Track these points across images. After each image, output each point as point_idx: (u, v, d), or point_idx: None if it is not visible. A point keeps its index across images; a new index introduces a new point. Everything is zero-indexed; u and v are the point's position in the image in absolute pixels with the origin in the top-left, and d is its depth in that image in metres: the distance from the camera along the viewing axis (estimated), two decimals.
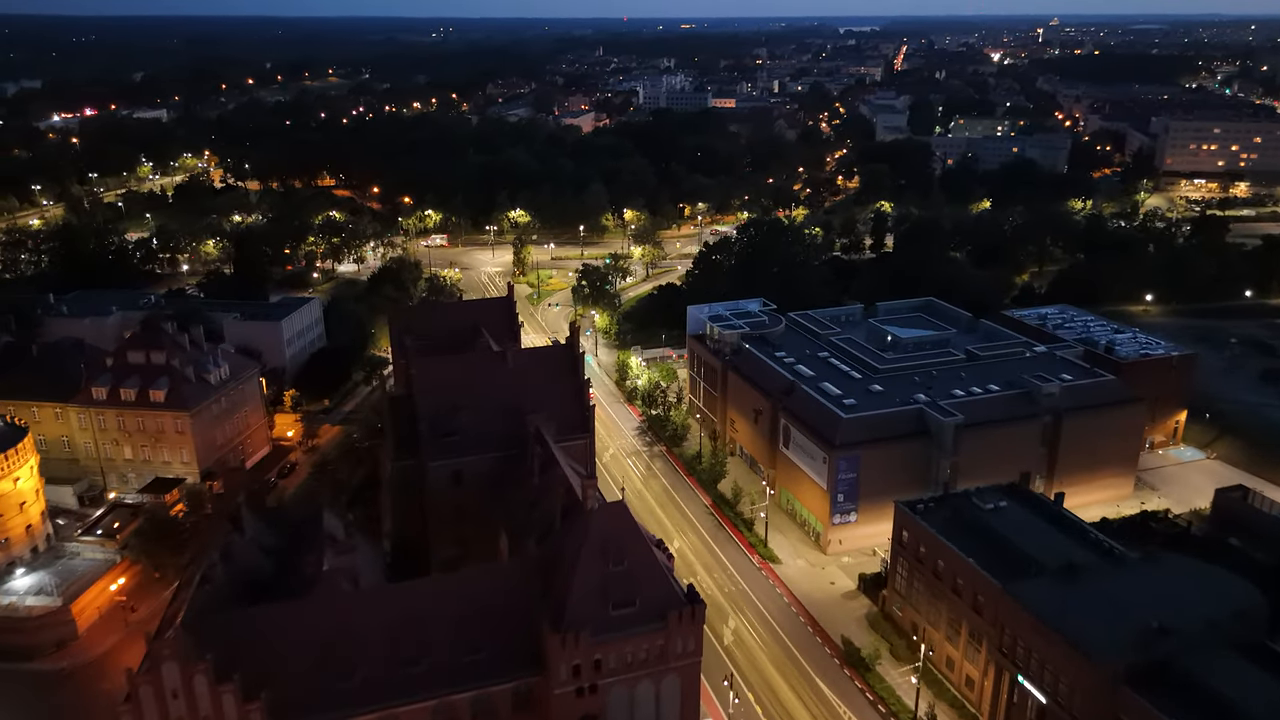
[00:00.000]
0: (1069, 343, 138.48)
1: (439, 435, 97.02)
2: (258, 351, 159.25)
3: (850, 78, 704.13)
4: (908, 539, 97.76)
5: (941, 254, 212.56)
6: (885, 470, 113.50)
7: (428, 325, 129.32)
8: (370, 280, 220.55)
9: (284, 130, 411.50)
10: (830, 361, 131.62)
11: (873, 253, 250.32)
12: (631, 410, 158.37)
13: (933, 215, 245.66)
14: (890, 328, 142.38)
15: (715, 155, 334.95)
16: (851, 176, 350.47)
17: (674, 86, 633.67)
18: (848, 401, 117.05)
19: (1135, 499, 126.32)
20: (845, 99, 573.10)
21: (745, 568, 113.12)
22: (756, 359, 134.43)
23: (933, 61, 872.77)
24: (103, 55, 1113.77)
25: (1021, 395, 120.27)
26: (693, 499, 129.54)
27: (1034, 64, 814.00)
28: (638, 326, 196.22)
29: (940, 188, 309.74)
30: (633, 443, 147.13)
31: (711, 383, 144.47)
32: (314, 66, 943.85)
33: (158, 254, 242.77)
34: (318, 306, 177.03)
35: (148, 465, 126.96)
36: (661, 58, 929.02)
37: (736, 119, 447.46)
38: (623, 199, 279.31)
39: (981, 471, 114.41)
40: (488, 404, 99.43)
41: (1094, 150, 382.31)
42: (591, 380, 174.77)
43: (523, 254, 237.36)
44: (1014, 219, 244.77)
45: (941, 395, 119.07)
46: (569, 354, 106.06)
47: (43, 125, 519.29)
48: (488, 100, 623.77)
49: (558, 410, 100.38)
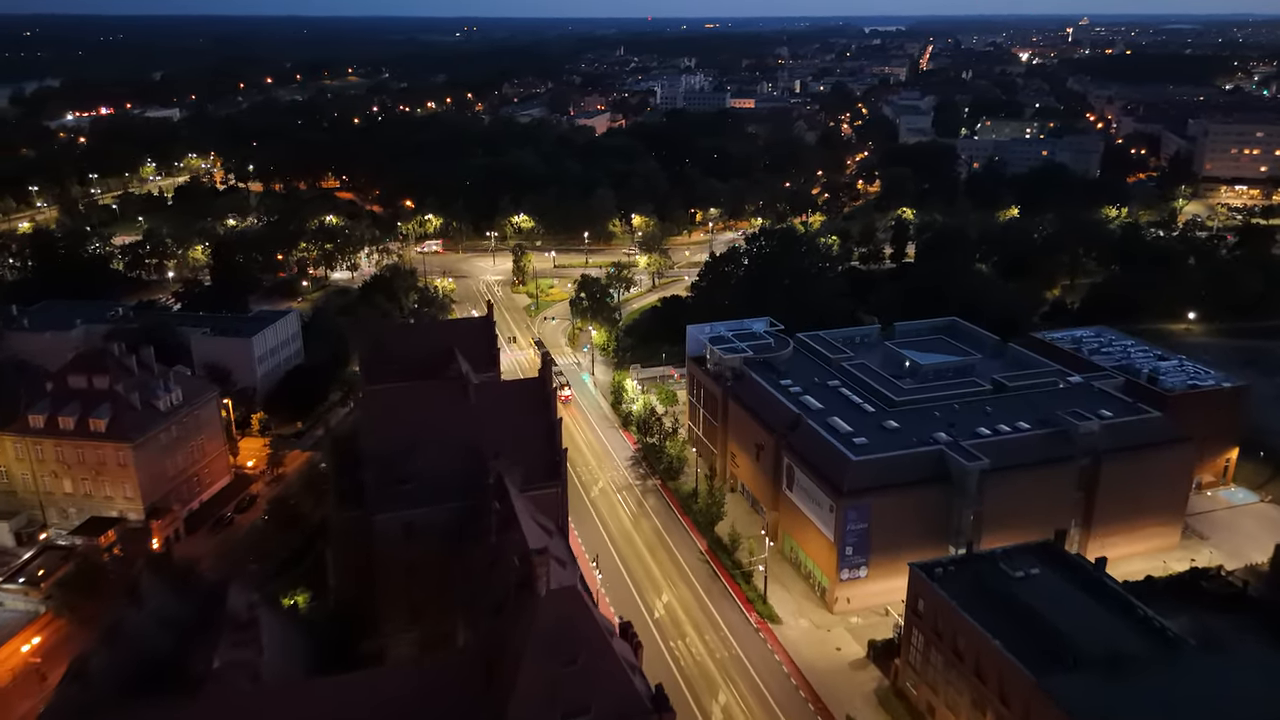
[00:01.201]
0: (1108, 372, 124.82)
1: (388, 482, 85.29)
2: (226, 370, 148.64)
3: (874, 78, 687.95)
4: (924, 608, 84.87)
5: (966, 266, 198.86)
6: (900, 520, 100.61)
7: (398, 348, 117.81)
8: (361, 290, 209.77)
9: (291, 130, 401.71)
10: (841, 391, 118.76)
11: (893, 263, 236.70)
12: (626, 437, 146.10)
13: (957, 223, 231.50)
14: (909, 352, 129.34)
15: (730, 158, 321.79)
16: (872, 180, 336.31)
17: (692, 86, 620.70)
18: (858, 440, 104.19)
19: (1182, 550, 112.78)
20: (868, 99, 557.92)
21: (741, 628, 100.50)
22: (759, 387, 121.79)
23: (959, 61, 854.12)
24: (128, 54, 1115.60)
25: (1055, 435, 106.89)
26: (686, 543, 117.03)
27: (1064, 64, 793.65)
28: (640, 341, 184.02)
29: (966, 193, 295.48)
30: (625, 475, 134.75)
31: (711, 411, 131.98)
32: (334, 66, 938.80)
33: (145, 259, 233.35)
34: (295, 321, 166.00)
35: (89, 500, 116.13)
36: (683, 57, 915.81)
37: (755, 120, 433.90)
38: (631, 204, 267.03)
39: (1009, 522, 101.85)
40: (446, 445, 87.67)
41: (1128, 154, 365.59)
42: (585, 402, 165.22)
43: (523, 262, 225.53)
44: (1044, 227, 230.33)
45: (965, 434, 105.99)
46: (540, 389, 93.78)
47: (53, 124, 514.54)
48: (503, 100, 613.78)
49: (525, 453, 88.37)
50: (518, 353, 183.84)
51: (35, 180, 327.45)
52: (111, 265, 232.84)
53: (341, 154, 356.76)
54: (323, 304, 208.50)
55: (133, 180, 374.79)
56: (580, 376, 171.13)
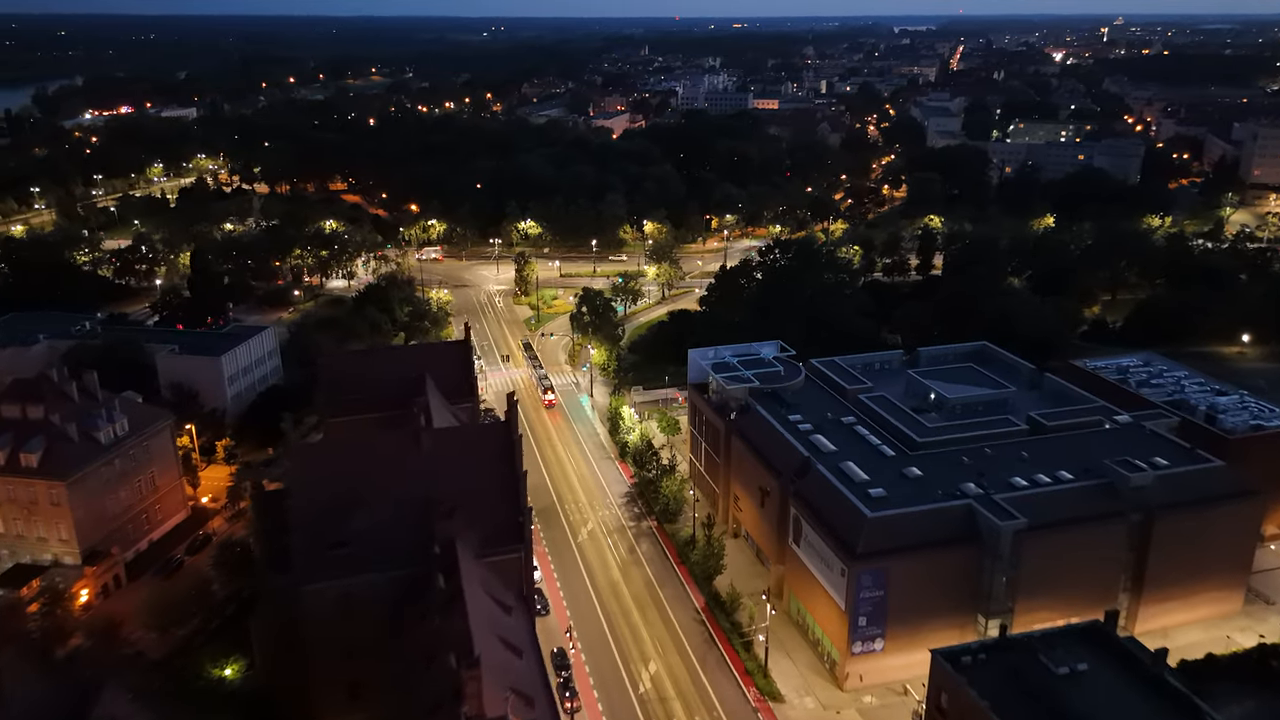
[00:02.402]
0: (1160, 409, 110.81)
1: (322, 546, 73.43)
2: (194, 391, 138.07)
3: (902, 78, 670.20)
4: (948, 704, 71.81)
5: (997, 281, 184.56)
6: (922, 586, 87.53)
7: (362, 376, 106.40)
8: (354, 301, 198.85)
9: (302, 131, 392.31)
10: (857, 430, 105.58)
11: (919, 274, 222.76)
12: (623, 469, 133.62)
13: (988, 234, 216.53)
14: (934, 383, 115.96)
15: (750, 161, 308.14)
16: (899, 185, 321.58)
17: (715, 86, 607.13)
18: (875, 492, 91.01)
19: (1245, 617, 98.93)
20: (896, 100, 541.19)
21: (737, 707, 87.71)
22: (765, 423, 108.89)
23: (991, 61, 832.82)
24: (157, 53, 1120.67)
25: (1102, 488, 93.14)
26: (681, 598, 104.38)
27: (1099, 64, 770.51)
28: (645, 359, 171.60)
29: (996, 199, 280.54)
30: (618, 514, 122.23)
31: (713, 445, 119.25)
32: (358, 65, 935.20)
33: (134, 266, 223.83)
34: (271, 337, 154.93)
35: (21, 543, 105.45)
36: (708, 57, 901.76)
37: (777, 121, 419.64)
38: (644, 210, 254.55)
39: (1048, 587, 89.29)
40: (392, 501, 75.70)
41: (1169, 158, 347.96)
42: (582, 429, 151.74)
43: (526, 271, 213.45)
44: (1082, 238, 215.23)
45: (997, 484, 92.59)
46: (503, 435, 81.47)
47: (69, 124, 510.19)
48: (522, 100, 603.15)
49: (484, 511, 76.28)
50: (513, 370, 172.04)
51: (39, 181, 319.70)
52: (100, 272, 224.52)
53: (350, 155, 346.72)
54: (312, 315, 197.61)
55: (139, 181, 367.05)
56: (578, 399, 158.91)
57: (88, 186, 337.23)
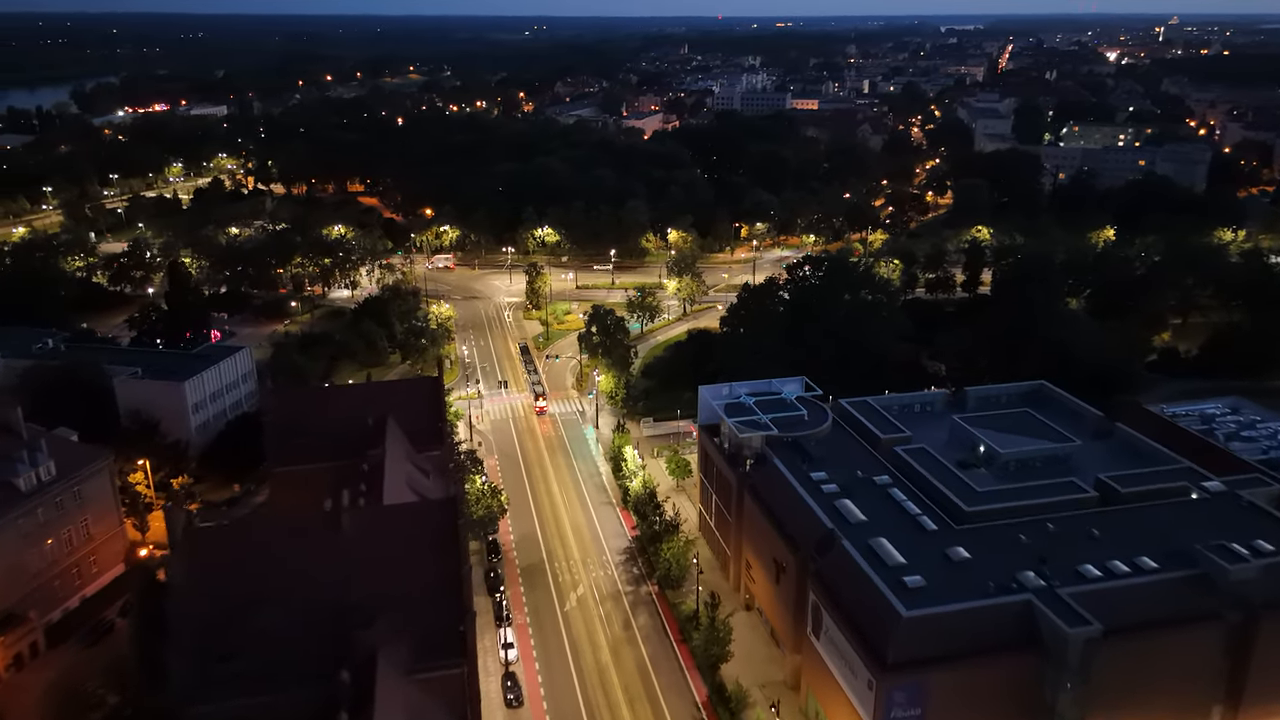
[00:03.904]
0: (1256, 470, 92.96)
1: (208, 659, 58.73)
2: (155, 420, 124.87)
3: (949, 78, 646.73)
4: None
5: (1054, 303, 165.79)
6: (969, 704, 71.00)
7: (317, 418, 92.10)
8: (352, 314, 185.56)
9: (324, 130, 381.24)
10: (892, 494, 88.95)
11: (965, 291, 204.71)
12: (624, 518, 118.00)
13: (1042, 247, 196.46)
14: (984, 432, 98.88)
15: (785, 164, 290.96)
16: (943, 192, 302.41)
17: (753, 86, 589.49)
18: (912, 580, 74.49)
19: None
20: (941, 101, 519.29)
21: None
22: (784, 481, 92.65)
23: (1041, 61, 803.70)
24: (202, 51, 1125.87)
25: (1193, 580, 75.80)
26: (679, 688, 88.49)
27: (1156, 64, 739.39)
28: (659, 384, 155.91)
29: (1049, 208, 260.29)
30: (614, 575, 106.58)
31: (724, 499, 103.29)
32: (397, 64, 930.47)
33: (129, 272, 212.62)
34: (248, 358, 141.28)
35: None
36: (748, 55, 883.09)
37: (816, 122, 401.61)
38: (669, 217, 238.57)
39: (1125, 703, 72.60)
40: (301, 602, 60.85)
41: (1238, 165, 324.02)
42: (583, 467, 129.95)
43: (538, 283, 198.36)
44: (1148, 253, 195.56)
45: (1063, 572, 75.58)
46: (445, 517, 66.18)
47: (98, 121, 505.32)
48: (554, 99, 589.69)
49: (419, 614, 61.13)
50: (514, 396, 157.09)
51: (54, 180, 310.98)
52: (95, 279, 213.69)
53: (368, 156, 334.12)
54: (307, 329, 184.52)
55: (157, 182, 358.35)
56: (582, 430, 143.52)
57: (102, 186, 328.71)
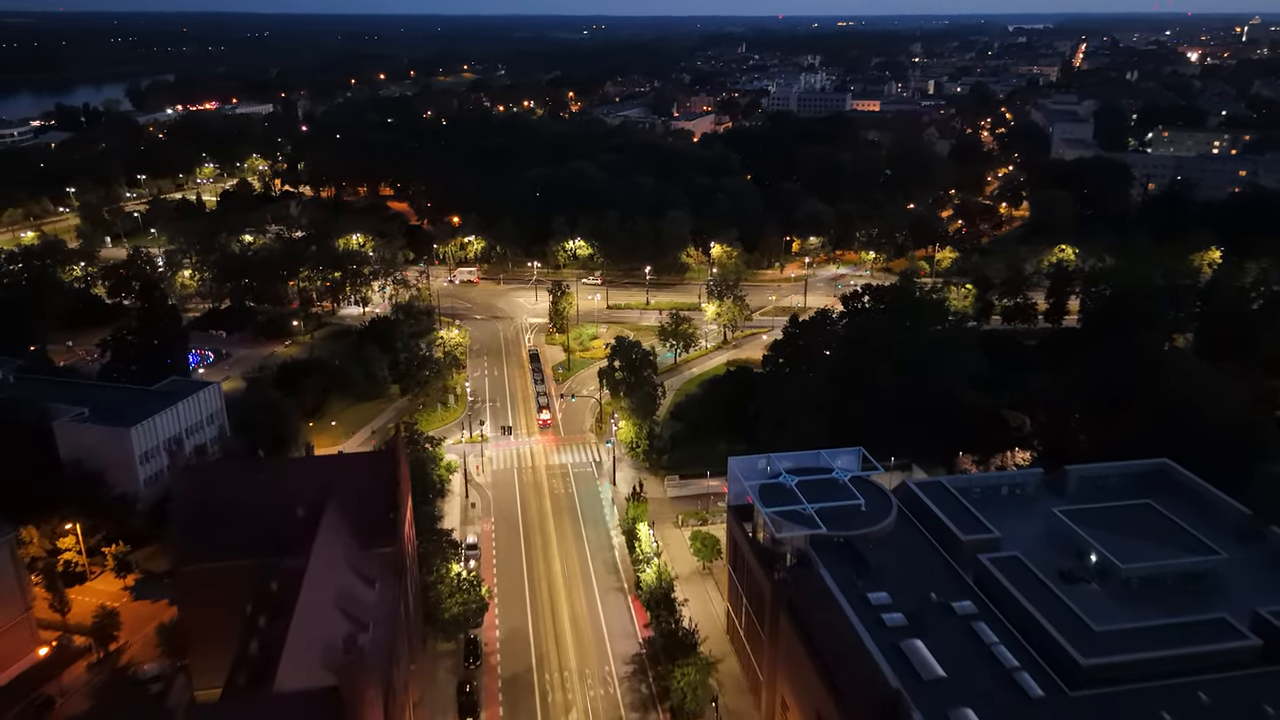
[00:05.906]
0: None
1: None
2: (98, 471, 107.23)
3: (1020, 78, 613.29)
4: None
5: (1160, 343, 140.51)
6: None
7: (241, 500, 72.88)
8: (357, 336, 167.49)
9: (360, 130, 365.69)
10: (978, 629, 66.58)
11: (1048, 320, 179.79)
12: (635, 611, 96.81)
13: (1137, 272, 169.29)
14: (1094, 532, 75.91)
15: (842, 171, 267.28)
16: (1018, 203, 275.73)
17: (811, 85, 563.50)
18: None
19: None
20: (1013, 103, 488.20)
21: None
22: (832, 602, 70.74)
23: (1119, 61, 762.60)
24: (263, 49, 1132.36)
25: None
26: None
27: (1244, 65, 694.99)
28: (690, 429, 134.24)
29: (1139, 222, 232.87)
30: (616, 695, 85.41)
31: (757, 607, 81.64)
32: (452, 62, 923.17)
33: (129, 283, 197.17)
34: (216, 395, 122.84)
35: None
36: (807, 55, 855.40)
37: (878, 125, 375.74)
38: (713, 229, 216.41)
39: None
40: None
41: None
42: (594, 536, 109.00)
43: (563, 303, 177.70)
44: (1266, 282, 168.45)
45: None
46: None
47: (144, 119, 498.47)
48: (604, 99, 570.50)
49: None
50: (522, 441, 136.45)
51: (79, 180, 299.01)
52: (93, 290, 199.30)
53: (401, 157, 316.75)
54: (306, 352, 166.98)
55: (188, 182, 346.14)
56: (596, 488, 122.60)
57: (129, 187, 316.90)
